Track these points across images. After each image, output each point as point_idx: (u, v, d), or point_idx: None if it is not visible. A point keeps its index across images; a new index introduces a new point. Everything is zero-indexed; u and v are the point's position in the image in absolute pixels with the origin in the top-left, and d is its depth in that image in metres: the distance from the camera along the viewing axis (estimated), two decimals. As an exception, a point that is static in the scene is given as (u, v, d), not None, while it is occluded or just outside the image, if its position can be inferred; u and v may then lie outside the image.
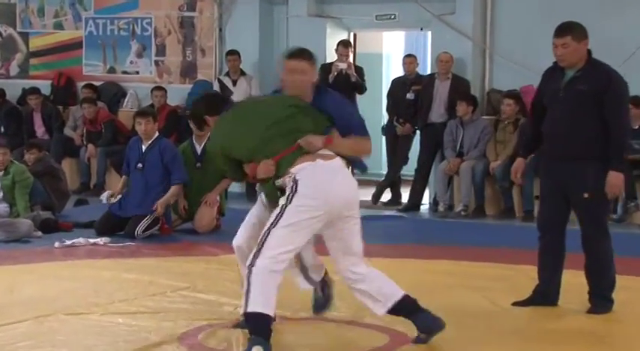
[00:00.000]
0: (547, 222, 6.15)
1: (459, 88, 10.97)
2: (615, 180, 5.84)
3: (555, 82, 5.99)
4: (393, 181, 11.48)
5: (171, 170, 9.05)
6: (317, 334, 5.58)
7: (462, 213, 10.50)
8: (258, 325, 4.86)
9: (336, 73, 11.28)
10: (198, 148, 9.45)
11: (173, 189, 9.04)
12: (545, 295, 6.16)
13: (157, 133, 9.22)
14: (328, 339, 5.54)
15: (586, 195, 5.89)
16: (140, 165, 9.07)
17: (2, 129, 13.04)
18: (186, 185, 9.21)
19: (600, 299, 6.05)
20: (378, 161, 13.01)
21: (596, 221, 6.02)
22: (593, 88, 5.82)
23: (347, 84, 11.24)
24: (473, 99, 10.90)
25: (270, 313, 4.88)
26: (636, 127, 9.97)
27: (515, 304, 6.20)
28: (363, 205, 11.82)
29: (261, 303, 4.83)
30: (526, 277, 6.73)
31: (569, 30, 5.86)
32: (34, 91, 12.99)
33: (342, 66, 11.27)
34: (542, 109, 6.11)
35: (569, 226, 6.16)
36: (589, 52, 5.92)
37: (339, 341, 5.53)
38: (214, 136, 5.35)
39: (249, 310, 4.85)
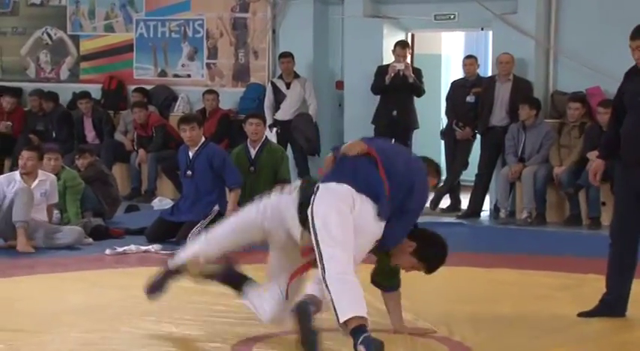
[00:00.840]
0: (620, 230, 5.96)
1: (521, 91, 10.68)
2: None
3: (636, 85, 5.82)
4: (452, 187, 11.20)
5: (224, 175, 8.90)
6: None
7: (528, 220, 10.15)
8: (357, 329, 4.71)
9: (393, 75, 11.03)
10: (253, 152, 9.29)
11: (233, 195, 8.89)
12: (613, 305, 5.96)
13: (203, 139, 9.08)
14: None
15: None
16: (189, 172, 8.99)
17: (54, 134, 12.92)
18: (240, 189, 9.00)
19: None
20: (437, 166, 12.73)
21: None
22: None
23: (405, 86, 11.04)
24: (536, 102, 10.57)
25: (362, 313, 4.75)
26: None
27: (581, 314, 6.02)
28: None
29: (349, 309, 4.74)
30: (591, 287, 6.55)
31: None
32: (85, 95, 12.88)
33: (400, 67, 11.01)
34: (623, 111, 5.90)
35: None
36: None
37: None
38: None
39: (341, 320, 4.74)
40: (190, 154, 9.04)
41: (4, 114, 13.20)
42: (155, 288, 5.71)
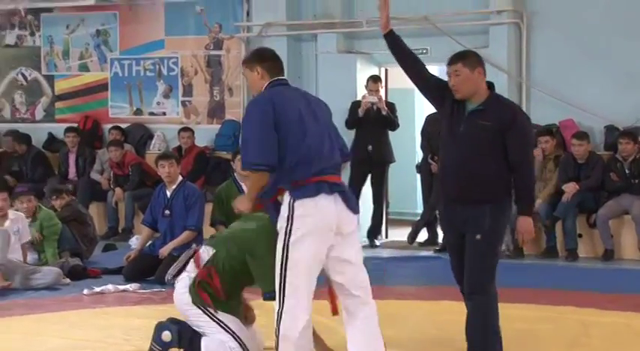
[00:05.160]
0: None
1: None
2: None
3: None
4: (429, 221, 11.20)
5: (188, 214, 8.90)
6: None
7: (506, 253, 10.08)
8: None
9: (365, 108, 11.04)
10: (244, 187, 9.21)
11: (185, 235, 8.90)
12: None
13: (180, 178, 9.06)
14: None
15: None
16: (167, 212, 8.98)
17: (28, 175, 12.87)
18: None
19: None
20: (414, 200, 12.78)
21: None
22: None
23: (378, 119, 11.07)
24: None
25: None
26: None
27: None
28: (398, 245, 11.70)
29: None
30: (570, 319, 6.58)
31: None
32: (72, 129, 12.87)
33: (372, 100, 11.03)
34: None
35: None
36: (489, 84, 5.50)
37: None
38: None
39: None
40: (168, 193, 9.04)
41: (-21, 155, 13.15)
42: None
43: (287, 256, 4.94)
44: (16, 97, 14.03)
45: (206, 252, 5.56)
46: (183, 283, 5.55)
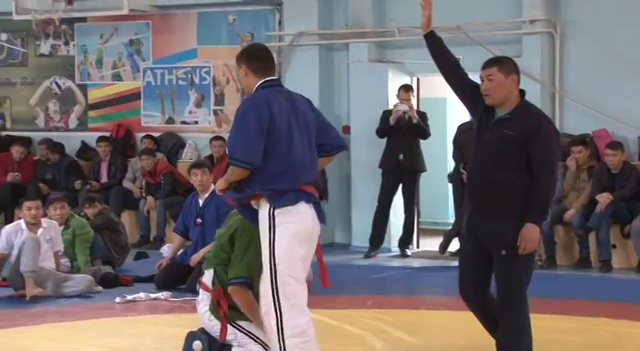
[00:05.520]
0: None
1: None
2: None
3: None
4: (460, 230, 11.11)
5: (220, 223, 8.83)
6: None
7: (539, 263, 9.89)
8: None
9: (397, 116, 11.01)
10: (201, 202, 9.19)
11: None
12: None
13: (212, 186, 9.05)
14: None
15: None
16: (199, 220, 8.98)
17: (61, 183, 12.95)
18: None
19: None
20: (445, 210, 12.73)
21: None
22: None
23: (409, 128, 11.03)
24: None
25: None
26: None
27: None
28: (429, 255, 11.64)
29: None
30: (603, 331, 6.53)
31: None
32: (104, 138, 12.96)
33: (403, 108, 11.00)
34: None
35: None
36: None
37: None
38: None
39: None
40: (200, 201, 9.06)
41: (13, 163, 13.25)
42: None
43: (275, 267, 4.97)
44: (49, 106, 14.13)
45: (208, 276, 5.56)
46: (204, 303, 5.56)
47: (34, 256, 8.46)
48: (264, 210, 5.03)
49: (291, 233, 4.98)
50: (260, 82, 5.21)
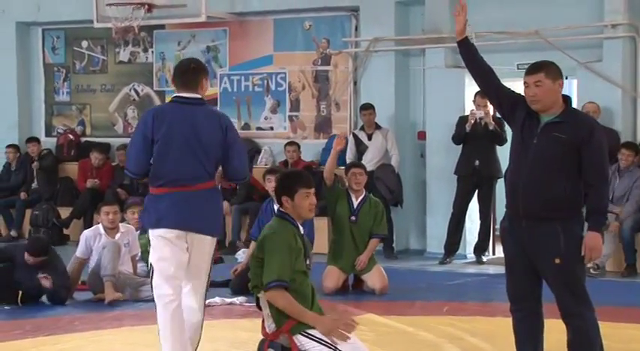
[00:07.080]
0: None
1: (607, 141, 10.41)
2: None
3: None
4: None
5: None
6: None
7: (592, 271, 9.40)
8: None
9: (473, 122, 10.93)
10: (355, 202, 9.27)
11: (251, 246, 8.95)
12: None
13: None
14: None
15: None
16: (272, 226, 8.96)
17: (139, 189, 13.10)
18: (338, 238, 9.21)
19: None
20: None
21: None
22: None
23: (486, 134, 10.93)
24: (634, 146, 10.39)
25: None
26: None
27: None
28: (499, 262, 11.47)
29: None
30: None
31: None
32: None
33: (480, 114, 10.91)
34: None
35: None
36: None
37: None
38: None
39: None
40: (275, 207, 9.06)
41: (92, 169, 13.48)
42: None
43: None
44: (128, 112, 14.35)
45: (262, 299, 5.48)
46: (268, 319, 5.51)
47: (114, 261, 8.59)
48: None
49: None
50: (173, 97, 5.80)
